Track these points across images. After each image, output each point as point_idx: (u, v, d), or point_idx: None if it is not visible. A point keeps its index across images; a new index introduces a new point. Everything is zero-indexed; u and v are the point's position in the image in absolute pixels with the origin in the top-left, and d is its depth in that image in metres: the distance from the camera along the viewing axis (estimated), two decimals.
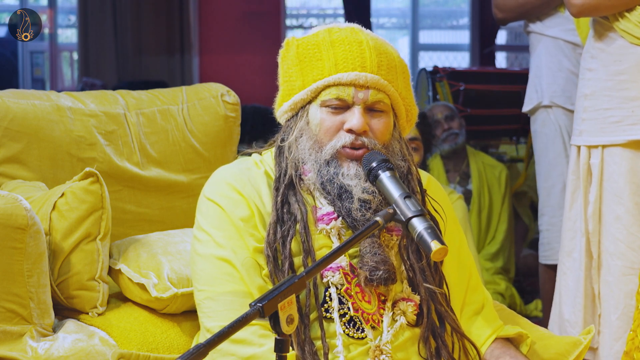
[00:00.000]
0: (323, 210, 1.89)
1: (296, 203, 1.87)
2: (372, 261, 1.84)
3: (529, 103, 3.78)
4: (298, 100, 1.92)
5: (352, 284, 1.86)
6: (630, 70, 2.67)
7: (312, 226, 1.88)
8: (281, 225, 1.85)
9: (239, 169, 1.95)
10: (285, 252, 1.83)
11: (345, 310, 1.83)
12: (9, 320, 1.97)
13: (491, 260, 5.04)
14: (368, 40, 1.90)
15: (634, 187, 2.67)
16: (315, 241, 1.87)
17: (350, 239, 1.67)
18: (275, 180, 1.91)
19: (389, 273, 1.84)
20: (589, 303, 2.77)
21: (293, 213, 1.86)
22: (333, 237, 1.87)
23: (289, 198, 1.88)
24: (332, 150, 1.87)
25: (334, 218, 1.87)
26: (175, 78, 7.70)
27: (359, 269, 1.85)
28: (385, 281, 1.84)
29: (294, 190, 1.88)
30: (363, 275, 1.84)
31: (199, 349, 1.38)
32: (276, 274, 1.83)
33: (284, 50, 1.96)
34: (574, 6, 2.70)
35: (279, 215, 1.86)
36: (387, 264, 1.85)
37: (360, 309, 1.84)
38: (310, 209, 1.89)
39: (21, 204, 1.98)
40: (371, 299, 1.86)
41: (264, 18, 7.97)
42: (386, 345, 1.83)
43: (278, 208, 1.86)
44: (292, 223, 1.85)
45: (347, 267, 1.86)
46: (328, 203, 1.89)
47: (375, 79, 1.87)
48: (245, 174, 1.93)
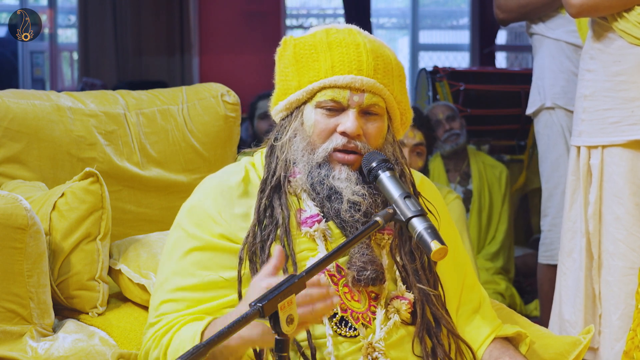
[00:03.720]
0: (307, 213, 1.88)
1: (280, 207, 1.86)
2: (360, 261, 1.84)
3: (532, 105, 3.79)
4: (293, 100, 1.91)
5: (339, 285, 1.85)
6: (629, 71, 2.67)
7: (295, 230, 1.87)
8: (261, 230, 1.84)
9: (219, 190, 1.90)
10: (264, 256, 1.82)
11: (334, 310, 1.83)
12: (9, 320, 1.97)
13: (491, 260, 5.05)
14: (365, 42, 1.89)
15: (634, 188, 2.67)
16: (298, 245, 1.86)
17: (350, 239, 1.66)
18: (261, 182, 1.89)
19: (376, 273, 1.84)
20: (589, 303, 2.77)
21: (275, 217, 1.85)
22: (318, 240, 1.86)
23: (273, 201, 1.87)
24: (325, 153, 1.87)
25: (318, 221, 1.86)
26: (175, 78, 7.70)
27: (347, 269, 1.85)
28: (374, 281, 1.84)
29: (279, 194, 1.88)
30: (351, 275, 1.84)
31: (198, 349, 1.38)
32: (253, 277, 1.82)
33: (281, 49, 1.96)
34: (573, 7, 2.70)
35: (260, 219, 1.85)
36: (375, 263, 1.85)
37: (350, 309, 1.84)
38: (294, 213, 1.88)
39: (21, 204, 1.98)
40: (361, 298, 1.86)
41: (264, 18, 7.97)
42: (379, 343, 1.83)
43: (260, 212, 1.85)
44: (273, 227, 1.84)
45: (332, 268, 1.86)
46: (315, 205, 1.88)
47: (371, 82, 1.86)
48: (225, 192, 1.90)
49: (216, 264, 1.86)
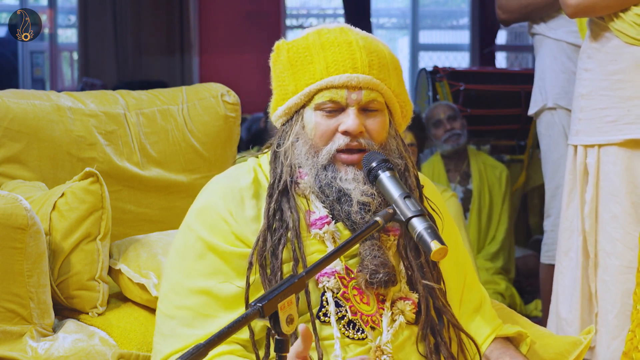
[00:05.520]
0: (316, 214, 1.87)
1: (289, 210, 1.85)
2: (372, 264, 1.83)
3: (534, 106, 3.79)
4: (292, 104, 1.91)
5: (349, 287, 1.85)
6: (625, 70, 2.67)
7: (305, 232, 1.87)
8: (272, 234, 1.84)
9: (229, 191, 1.90)
10: (276, 262, 1.81)
11: (343, 313, 1.83)
12: (9, 320, 1.97)
13: (491, 260, 5.05)
14: (358, 40, 1.89)
15: (630, 187, 2.68)
16: (308, 247, 1.86)
17: (349, 239, 1.66)
18: (269, 187, 1.89)
19: (389, 275, 1.83)
20: (585, 302, 2.78)
21: (285, 221, 1.84)
22: (327, 242, 1.86)
23: (282, 205, 1.86)
24: (329, 154, 1.86)
25: (327, 222, 1.86)
26: (175, 78, 7.70)
27: (359, 272, 1.84)
28: (386, 284, 1.83)
29: (288, 197, 1.87)
30: (363, 278, 1.83)
31: (199, 349, 1.38)
32: (265, 283, 1.81)
33: (274, 55, 1.95)
34: (569, 7, 2.71)
35: (270, 223, 1.84)
36: (388, 266, 1.84)
37: (359, 312, 1.84)
38: (303, 215, 1.88)
39: (21, 204, 1.98)
40: (370, 300, 1.86)
41: (264, 18, 7.97)
42: (387, 345, 1.83)
43: (270, 216, 1.85)
44: (283, 231, 1.84)
45: (342, 270, 1.85)
46: (324, 207, 1.88)
47: (367, 79, 1.86)
48: (235, 193, 1.89)
49: (228, 270, 1.84)
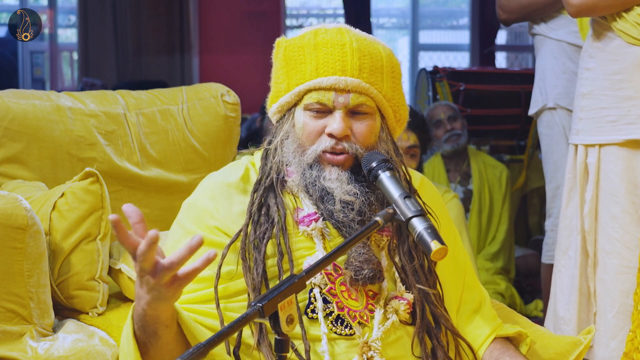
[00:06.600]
0: (304, 211, 1.88)
1: (275, 205, 1.86)
2: (357, 261, 1.84)
3: (535, 106, 3.79)
4: (284, 103, 1.92)
5: (336, 283, 1.85)
6: (627, 70, 2.67)
7: (293, 228, 1.87)
8: (256, 228, 1.84)
9: (218, 188, 1.91)
10: (259, 255, 1.82)
11: (331, 309, 1.83)
12: (9, 320, 1.97)
13: (491, 260, 5.05)
14: (352, 42, 1.88)
15: (630, 186, 2.68)
16: (295, 243, 1.86)
17: (350, 239, 1.67)
18: (255, 183, 1.90)
19: (374, 271, 1.84)
20: (583, 301, 2.78)
21: (271, 216, 1.85)
22: (315, 239, 1.86)
23: (268, 200, 1.87)
24: (314, 154, 1.87)
25: (315, 219, 1.87)
26: (175, 78, 7.70)
27: (345, 269, 1.85)
28: (371, 280, 1.84)
29: (274, 193, 1.88)
30: (348, 275, 1.84)
31: (199, 348, 1.38)
32: (247, 276, 1.81)
33: (275, 51, 1.96)
34: (572, 6, 2.71)
35: (255, 218, 1.85)
36: (372, 262, 1.85)
37: (346, 307, 1.84)
38: (291, 212, 1.88)
39: (21, 204, 1.98)
40: (358, 296, 1.86)
41: (264, 18, 7.97)
42: (375, 342, 1.83)
43: (254, 211, 1.85)
44: (269, 226, 1.85)
45: (330, 267, 1.86)
46: (312, 204, 1.89)
47: (355, 82, 1.86)
48: (223, 189, 1.90)
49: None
